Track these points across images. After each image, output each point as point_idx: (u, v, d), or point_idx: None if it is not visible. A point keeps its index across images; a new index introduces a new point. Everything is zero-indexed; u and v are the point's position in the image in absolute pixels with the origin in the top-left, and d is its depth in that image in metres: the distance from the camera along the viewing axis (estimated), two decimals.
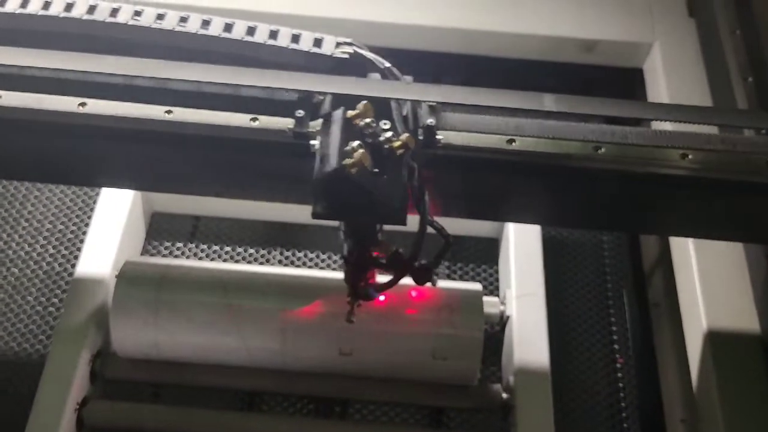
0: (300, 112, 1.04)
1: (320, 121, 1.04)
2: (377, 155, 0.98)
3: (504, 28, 1.79)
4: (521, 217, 1.31)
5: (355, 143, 0.97)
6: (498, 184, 1.11)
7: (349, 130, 0.99)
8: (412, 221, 1.03)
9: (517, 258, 1.55)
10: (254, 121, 1.06)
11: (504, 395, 1.45)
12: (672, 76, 1.71)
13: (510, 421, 1.43)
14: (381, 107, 1.02)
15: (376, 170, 0.97)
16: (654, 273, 1.71)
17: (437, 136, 1.04)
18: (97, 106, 1.07)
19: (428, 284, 1.10)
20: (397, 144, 0.98)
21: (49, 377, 1.38)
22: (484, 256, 1.70)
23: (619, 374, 1.59)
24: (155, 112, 1.07)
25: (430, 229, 1.05)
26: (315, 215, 0.98)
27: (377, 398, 1.48)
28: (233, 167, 1.12)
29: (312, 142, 1.03)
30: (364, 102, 1.00)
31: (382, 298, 1.31)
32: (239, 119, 1.07)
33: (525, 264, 1.55)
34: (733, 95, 1.50)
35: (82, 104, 1.08)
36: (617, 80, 1.83)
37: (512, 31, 1.79)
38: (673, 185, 1.07)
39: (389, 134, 0.99)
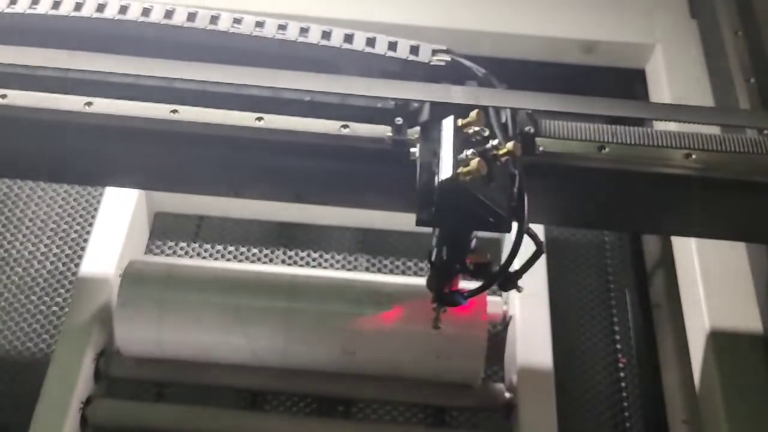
0: (399, 120, 1.05)
1: (418, 129, 1.05)
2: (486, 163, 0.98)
3: (505, 28, 1.79)
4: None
5: (470, 152, 0.97)
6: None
7: (460, 138, 1.00)
8: None
9: (520, 258, 1.55)
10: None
11: (507, 395, 1.45)
12: (674, 77, 1.71)
13: (513, 421, 1.43)
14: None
15: (487, 179, 0.97)
16: (656, 273, 1.72)
17: (537, 144, 1.05)
18: (105, 106, 1.08)
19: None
20: (503, 151, 0.98)
21: (53, 376, 1.38)
22: None
23: (622, 374, 1.59)
24: (162, 111, 1.08)
25: None
26: (420, 222, 0.98)
27: (380, 397, 1.49)
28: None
29: (412, 149, 1.03)
30: (477, 110, 1.01)
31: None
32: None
33: None
34: (735, 96, 1.50)
35: (89, 104, 1.09)
36: (619, 81, 1.83)
37: (513, 32, 1.79)
38: (677, 185, 1.08)
39: (495, 142, 0.99)
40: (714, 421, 1.34)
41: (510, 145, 0.98)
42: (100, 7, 1.14)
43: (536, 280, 1.53)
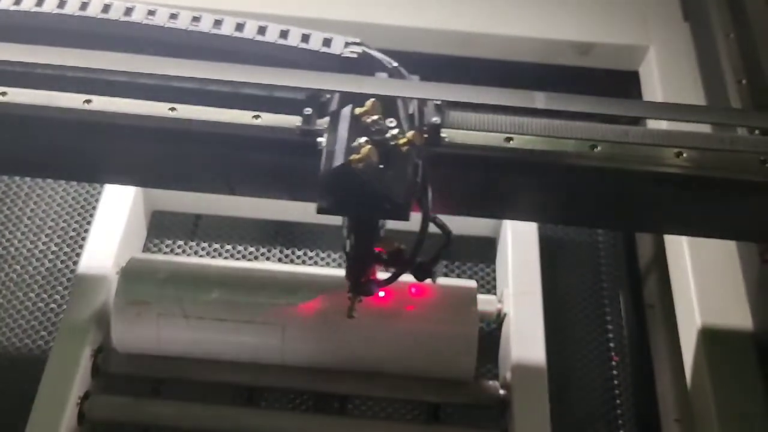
0: (308, 110, 1.06)
1: (328, 119, 1.06)
2: (383, 152, 1.00)
3: (500, 30, 1.81)
4: (517, 214, 1.33)
5: (362, 139, 0.99)
6: (496, 181, 1.13)
7: (357, 126, 1.01)
8: (415, 219, 1.05)
9: (515, 257, 1.57)
10: (257, 118, 1.08)
11: (501, 392, 1.46)
12: (667, 79, 1.73)
13: (507, 417, 1.44)
14: (387, 105, 1.04)
15: (381, 166, 0.99)
16: (649, 273, 1.73)
17: (442, 134, 1.06)
18: (104, 103, 1.09)
19: (428, 281, 1.12)
20: (402, 141, 1.00)
21: (51, 372, 1.39)
22: (481, 255, 1.72)
23: (615, 372, 1.61)
24: (160, 109, 1.10)
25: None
26: (320, 210, 1.00)
27: (375, 394, 1.50)
28: (238, 165, 1.14)
29: (319, 139, 1.04)
30: (372, 99, 1.02)
31: (382, 294, 1.34)
32: (242, 116, 1.09)
33: (522, 263, 1.56)
34: (727, 97, 1.51)
35: (88, 101, 1.10)
36: (613, 83, 1.85)
37: (508, 34, 1.81)
38: (668, 183, 1.09)
39: (395, 131, 1.00)
40: (706, 419, 1.35)
41: (410, 134, 1.00)
42: (83, 6, 1.15)
43: (530, 279, 1.54)
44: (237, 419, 1.44)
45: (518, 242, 1.59)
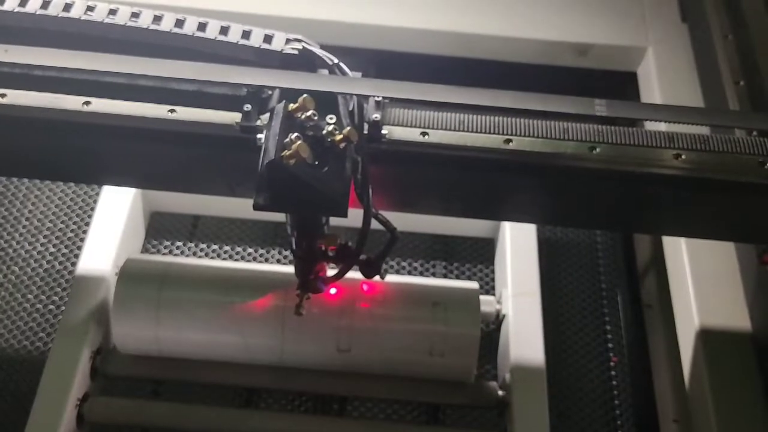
0: (248, 107, 1.06)
1: (268, 115, 1.06)
2: (319, 148, 1.00)
3: (498, 31, 1.81)
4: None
5: (293, 135, 0.98)
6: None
7: (291, 123, 1.01)
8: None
9: (513, 258, 1.57)
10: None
11: (500, 392, 1.47)
12: (665, 80, 1.73)
13: (506, 418, 1.44)
14: (327, 102, 1.04)
15: (317, 163, 0.99)
16: (647, 274, 1.73)
17: (383, 131, 1.06)
18: (103, 105, 1.09)
19: (377, 278, 1.12)
20: (339, 137, 1.00)
21: (50, 373, 1.39)
22: (480, 256, 1.72)
23: (613, 372, 1.61)
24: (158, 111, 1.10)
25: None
26: (256, 207, 0.99)
27: (375, 395, 1.50)
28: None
29: (259, 135, 1.04)
30: (305, 96, 1.02)
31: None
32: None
33: (521, 264, 1.57)
34: (724, 98, 1.52)
35: (87, 103, 1.10)
36: (611, 84, 1.85)
37: (506, 35, 1.81)
38: (666, 185, 1.09)
39: (331, 127, 1.00)
40: (704, 419, 1.35)
41: (346, 130, 1.00)
42: (67, 7, 1.15)
43: (529, 280, 1.54)
44: (236, 421, 1.45)
45: (517, 243, 1.59)
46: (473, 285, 1.50)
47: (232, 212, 1.74)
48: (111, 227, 1.57)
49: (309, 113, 1.02)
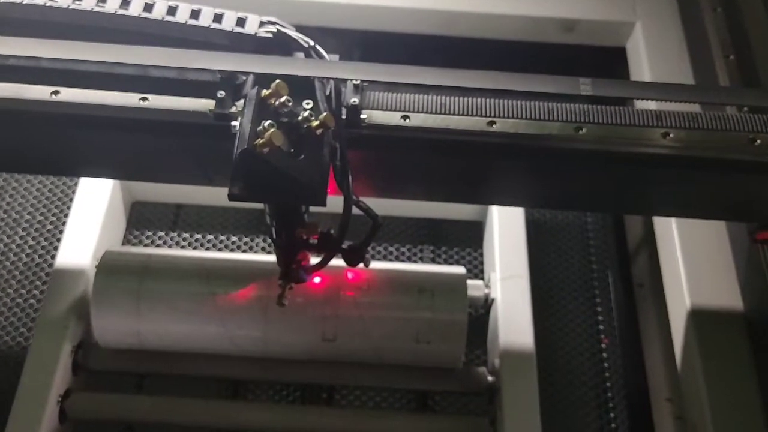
0: (221, 93, 1.03)
1: (242, 101, 1.03)
2: (295, 135, 0.96)
3: (483, 8, 1.78)
4: (491, 199, 1.30)
5: (266, 123, 0.95)
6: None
7: (264, 109, 0.98)
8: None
9: (502, 241, 1.55)
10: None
11: (489, 378, 1.45)
12: (654, 55, 1.70)
13: (496, 404, 1.43)
14: (303, 87, 1.01)
15: (293, 150, 0.95)
16: (638, 253, 1.72)
17: (362, 116, 1.03)
18: (72, 95, 1.05)
19: (361, 265, 1.09)
20: (315, 123, 0.96)
21: (30, 369, 1.36)
22: (468, 240, 1.70)
23: (604, 354, 1.60)
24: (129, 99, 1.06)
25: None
26: (231, 197, 0.96)
27: (363, 383, 1.48)
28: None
29: (233, 123, 1.01)
30: (278, 81, 0.99)
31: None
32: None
33: (509, 247, 1.54)
34: (714, 73, 1.49)
35: (56, 92, 1.06)
36: (599, 60, 1.82)
37: (491, 12, 1.77)
38: (655, 164, 1.07)
39: (306, 113, 0.97)
40: (696, 398, 1.35)
41: (322, 116, 0.97)
42: None
43: (518, 263, 1.52)
44: (223, 413, 1.43)
45: (505, 226, 1.57)
46: (460, 270, 1.47)
47: (216, 200, 1.71)
48: (90, 219, 1.54)
49: (282, 99, 0.98)
